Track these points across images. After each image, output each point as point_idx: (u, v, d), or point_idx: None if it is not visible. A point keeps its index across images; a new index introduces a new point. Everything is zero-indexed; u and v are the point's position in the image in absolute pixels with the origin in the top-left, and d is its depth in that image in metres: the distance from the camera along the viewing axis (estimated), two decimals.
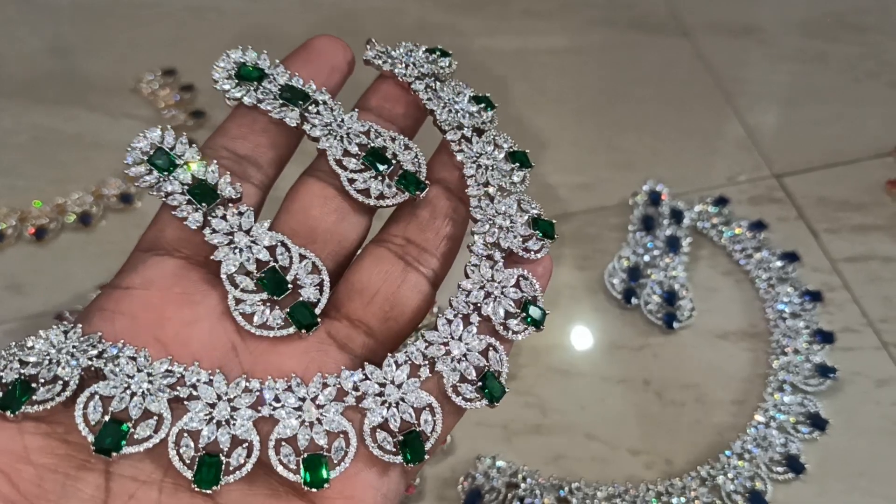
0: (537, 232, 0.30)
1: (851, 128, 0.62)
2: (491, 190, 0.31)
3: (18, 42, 0.72)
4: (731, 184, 0.59)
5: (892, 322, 0.50)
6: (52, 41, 0.72)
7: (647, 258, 0.54)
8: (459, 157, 0.31)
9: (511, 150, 0.32)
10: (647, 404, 0.48)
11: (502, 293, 0.29)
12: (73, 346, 0.27)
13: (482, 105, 0.33)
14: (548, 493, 0.44)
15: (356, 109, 0.32)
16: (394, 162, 0.31)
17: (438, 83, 0.33)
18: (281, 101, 0.30)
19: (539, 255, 0.30)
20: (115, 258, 0.54)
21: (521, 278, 0.29)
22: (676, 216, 0.55)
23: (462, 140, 0.31)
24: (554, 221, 0.31)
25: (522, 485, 0.44)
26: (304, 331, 0.28)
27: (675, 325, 0.50)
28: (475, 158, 0.31)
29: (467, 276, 0.30)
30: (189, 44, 0.72)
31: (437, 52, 0.34)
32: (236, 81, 0.31)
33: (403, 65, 0.33)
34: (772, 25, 0.73)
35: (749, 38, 0.71)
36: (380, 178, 0.30)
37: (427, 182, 0.31)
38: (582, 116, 0.65)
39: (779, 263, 0.53)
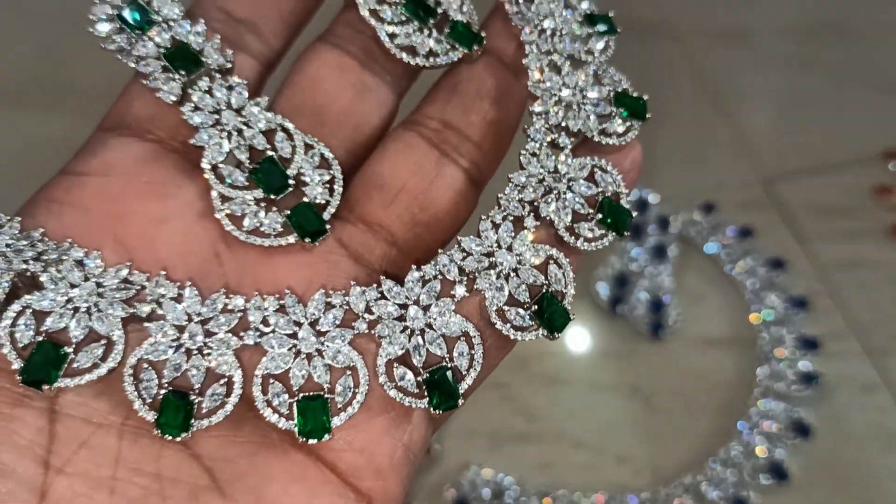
0: (620, 110, 0.24)
1: (839, 133, 0.63)
2: (557, 59, 0.24)
3: (5, 47, 0.72)
4: (719, 190, 0.59)
5: (878, 328, 0.50)
6: (41, 47, 0.72)
7: (634, 266, 0.54)
8: (516, 20, 0.24)
9: (590, 11, 0.25)
10: (635, 412, 0.48)
11: (569, 188, 0.23)
12: (7, 245, 0.21)
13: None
14: (534, 502, 0.44)
15: None
16: (439, 12, 0.25)
17: None
18: None
19: (623, 141, 0.23)
20: None
21: (596, 169, 0.23)
22: (663, 223, 0.56)
23: (521, 1, 0.25)
24: (646, 97, 0.24)
25: (508, 492, 0.45)
26: (307, 240, 0.22)
27: (661, 333, 0.51)
28: (537, 21, 0.24)
29: (522, 168, 0.23)
30: None
31: None
32: None
33: None
34: (761, 30, 0.73)
35: (738, 43, 0.71)
36: (426, 30, 0.24)
37: (484, 35, 0.24)
38: None
39: (764, 270, 0.53)
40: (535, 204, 0.22)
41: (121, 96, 0.24)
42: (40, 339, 0.20)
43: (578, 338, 0.52)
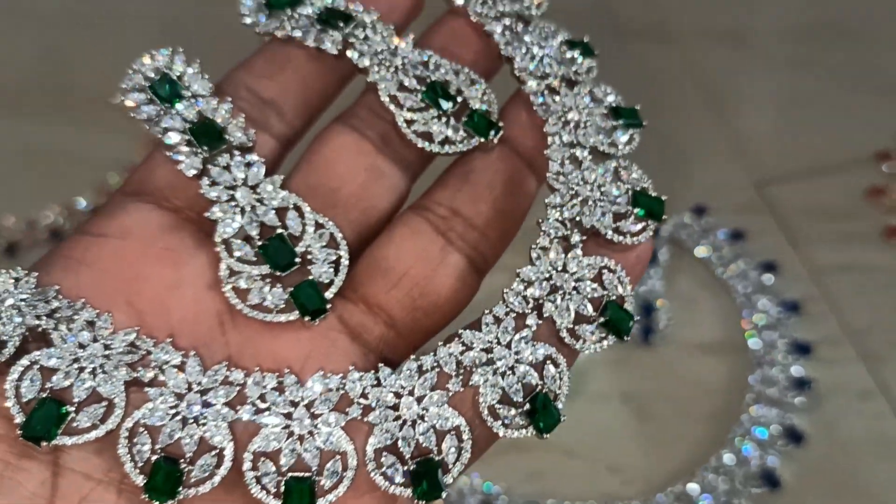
0: (637, 210, 0.24)
1: (834, 135, 0.62)
2: (579, 153, 0.24)
3: (4, 50, 0.71)
4: (712, 192, 0.58)
5: (872, 333, 0.50)
6: (41, 49, 0.71)
7: None
8: (541, 112, 0.25)
9: (615, 104, 0.25)
10: (627, 419, 0.47)
11: (576, 289, 0.23)
12: (22, 299, 0.21)
13: (577, 51, 0.26)
14: None
15: (411, 35, 0.26)
16: (458, 100, 0.25)
17: (522, 25, 0.27)
18: (319, 27, 0.25)
19: (637, 241, 0.23)
20: None
21: (604, 270, 0.23)
22: None
23: (546, 91, 0.25)
24: (664, 198, 0.24)
25: (497, 501, 0.44)
26: (308, 318, 0.23)
27: (651, 338, 0.50)
28: (562, 113, 0.25)
29: (532, 263, 0.23)
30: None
31: None
32: (267, 12, 0.25)
33: (480, 1, 0.27)
34: (757, 32, 0.72)
35: (734, 45, 0.71)
36: (444, 118, 0.25)
37: (501, 125, 0.25)
38: None
39: (756, 273, 0.53)
40: (540, 301, 0.23)
41: (143, 163, 0.25)
42: (44, 395, 0.21)
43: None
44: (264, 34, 0.26)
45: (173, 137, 0.24)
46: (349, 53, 0.25)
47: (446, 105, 0.25)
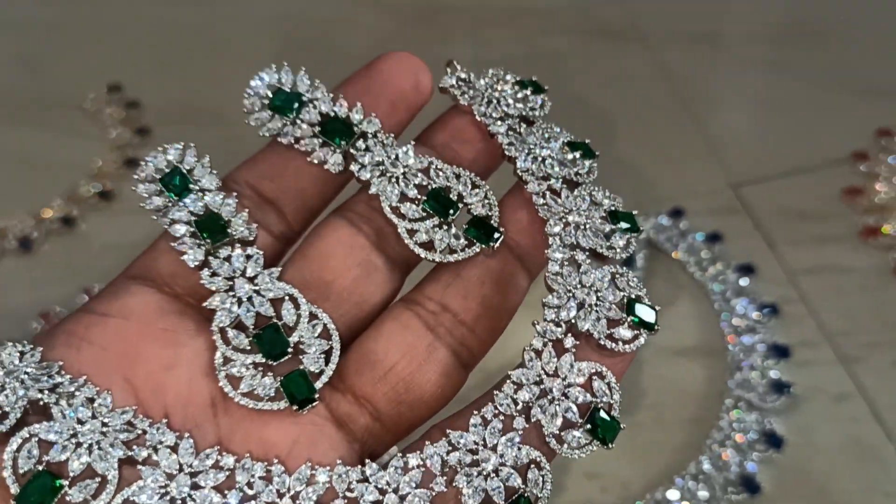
0: (632, 318, 0.24)
1: (809, 136, 0.62)
2: (579, 255, 0.24)
3: None
4: (689, 195, 0.58)
5: (850, 335, 0.49)
6: (7, 58, 0.70)
7: None
8: (543, 212, 0.25)
9: (613, 208, 0.26)
10: None
11: (565, 395, 0.23)
12: (26, 373, 0.22)
13: (578, 152, 0.27)
14: None
15: (412, 143, 0.27)
16: (460, 206, 0.26)
17: (525, 125, 0.27)
18: (321, 140, 0.26)
19: (628, 349, 0.24)
20: (58, 285, 0.53)
21: (595, 377, 0.23)
22: None
23: (548, 193, 0.26)
24: (657, 309, 0.24)
25: None
26: (296, 407, 0.24)
27: None
28: (563, 214, 0.25)
29: (523, 365, 0.24)
30: (136, 58, 0.70)
31: (529, 87, 0.28)
32: (270, 113, 0.26)
33: (486, 100, 0.27)
34: (731, 33, 0.72)
35: (708, 46, 0.71)
36: (445, 226, 0.26)
37: (502, 230, 0.26)
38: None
39: (734, 276, 0.52)
40: (529, 405, 0.23)
41: (149, 250, 0.26)
42: (41, 468, 0.22)
43: None
44: (269, 135, 0.26)
45: (179, 230, 0.25)
46: (351, 167, 0.26)
47: (450, 214, 0.25)
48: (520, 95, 0.28)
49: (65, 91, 0.66)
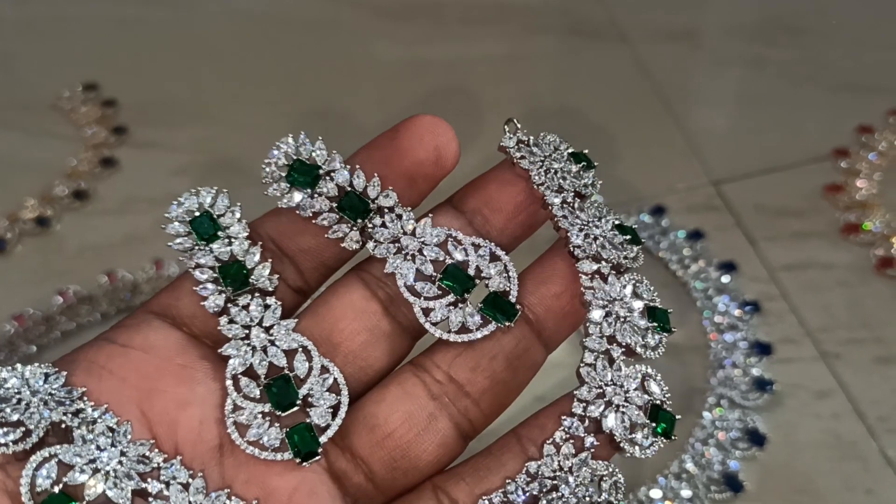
0: (652, 423, 0.24)
1: (789, 133, 0.62)
2: (615, 351, 0.24)
3: None
4: (669, 192, 0.58)
5: (831, 332, 0.49)
6: None
7: None
8: (588, 295, 0.25)
9: (652, 303, 0.25)
10: None
11: (574, 493, 0.24)
12: (50, 394, 0.23)
13: (628, 237, 0.26)
14: None
15: (430, 216, 0.26)
16: (476, 282, 0.26)
17: (578, 200, 0.26)
18: (338, 216, 0.26)
19: (644, 454, 0.24)
20: (32, 286, 0.52)
21: (602, 479, 0.24)
22: None
23: (596, 276, 0.25)
24: (678, 417, 0.25)
25: None
26: (299, 460, 0.24)
27: None
28: (607, 303, 0.25)
29: (540, 457, 0.24)
30: (112, 56, 0.69)
31: (583, 162, 0.27)
32: (288, 185, 0.26)
33: (544, 169, 0.26)
34: (710, 30, 0.72)
35: (687, 43, 0.71)
36: (460, 304, 0.25)
37: (520, 307, 0.25)
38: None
39: (716, 273, 0.52)
40: (537, 497, 0.24)
41: (171, 287, 0.26)
42: (57, 489, 0.22)
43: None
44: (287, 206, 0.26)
45: (202, 275, 0.25)
46: (368, 245, 0.26)
47: (466, 293, 0.25)
48: (574, 169, 0.27)
49: (38, 90, 0.66)
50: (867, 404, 0.46)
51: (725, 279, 0.52)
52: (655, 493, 0.43)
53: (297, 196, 0.25)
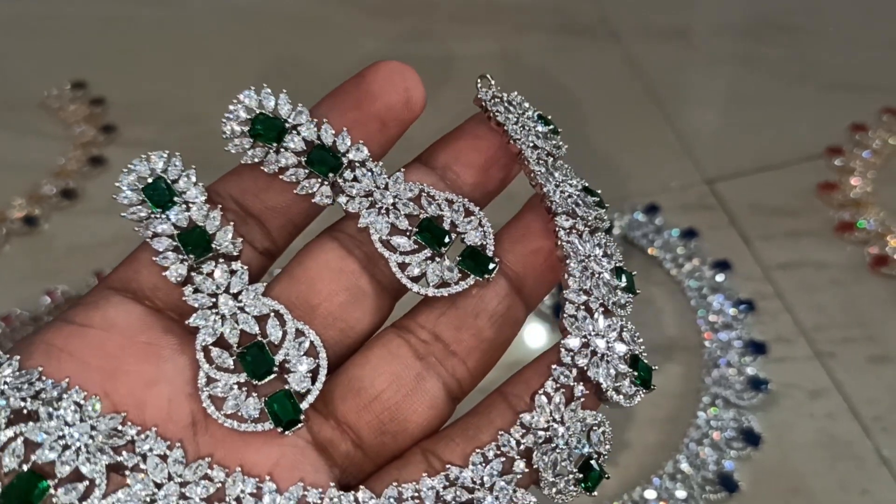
0: (634, 372, 0.24)
1: (783, 132, 0.62)
2: (594, 303, 0.24)
3: None
4: (663, 190, 0.57)
5: (825, 331, 0.49)
6: None
7: None
8: (567, 248, 0.24)
9: (619, 265, 0.26)
10: None
11: (567, 443, 0.23)
12: (6, 383, 0.21)
13: (596, 199, 0.26)
14: None
15: (402, 170, 0.26)
16: (453, 237, 0.25)
17: (551, 159, 0.26)
18: (307, 171, 0.24)
19: (630, 403, 0.24)
20: (20, 286, 0.52)
21: (592, 429, 0.24)
22: None
23: (573, 231, 0.25)
24: (654, 368, 0.25)
25: None
26: (281, 429, 0.23)
27: None
28: (584, 259, 0.24)
29: (531, 409, 0.24)
30: (100, 55, 0.68)
31: (550, 126, 0.27)
32: (251, 140, 0.24)
33: (520, 125, 0.26)
34: (702, 29, 0.72)
35: (679, 42, 0.70)
36: (437, 258, 0.25)
37: (497, 259, 0.25)
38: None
39: (710, 272, 0.52)
40: (531, 449, 0.23)
41: (129, 260, 0.25)
42: (26, 467, 0.21)
43: (518, 346, 0.50)
44: (252, 162, 0.25)
45: (161, 244, 0.24)
46: (340, 199, 0.25)
47: (443, 246, 0.25)
48: (542, 129, 0.27)
49: (26, 88, 0.65)
50: (862, 403, 0.46)
51: (719, 278, 0.51)
52: (650, 494, 0.43)
53: (261, 151, 0.24)
